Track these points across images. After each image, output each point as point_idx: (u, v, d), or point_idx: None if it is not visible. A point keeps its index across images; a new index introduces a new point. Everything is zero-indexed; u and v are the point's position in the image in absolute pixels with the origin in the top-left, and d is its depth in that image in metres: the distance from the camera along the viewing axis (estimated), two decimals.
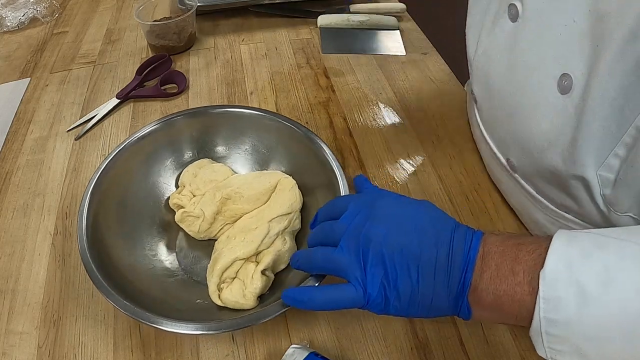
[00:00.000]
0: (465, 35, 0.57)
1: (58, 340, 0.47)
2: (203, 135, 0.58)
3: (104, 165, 0.51)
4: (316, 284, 0.42)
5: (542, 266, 0.31)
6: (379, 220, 0.38)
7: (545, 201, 0.50)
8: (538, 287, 0.31)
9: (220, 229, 0.53)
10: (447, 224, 0.38)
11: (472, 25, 0.54)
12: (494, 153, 0.55)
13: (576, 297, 0.29)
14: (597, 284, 0.29)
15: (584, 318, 0.29)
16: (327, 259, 0.39)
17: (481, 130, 0.57)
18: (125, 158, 0.53)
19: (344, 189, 0.49)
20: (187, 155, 0.58)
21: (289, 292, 0.40)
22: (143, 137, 0.55)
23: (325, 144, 0.54)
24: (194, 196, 0.53)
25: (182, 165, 0.57)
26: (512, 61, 0.46)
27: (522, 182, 0.52)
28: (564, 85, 0.40)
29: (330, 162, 0.52)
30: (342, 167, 0.51)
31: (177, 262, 0.52)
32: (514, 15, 0.45)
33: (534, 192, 0.51)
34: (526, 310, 0.32)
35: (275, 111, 0.70)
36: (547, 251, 0.32)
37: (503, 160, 0.53)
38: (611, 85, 0.35)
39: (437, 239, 0.36)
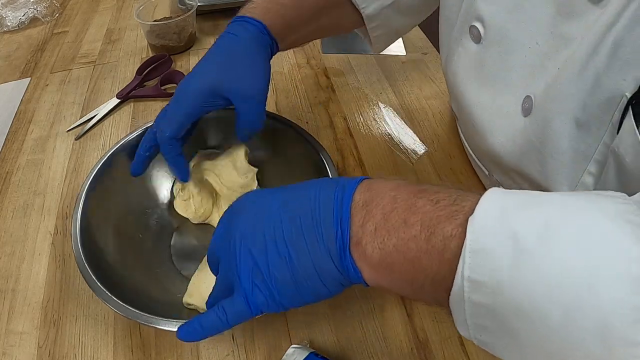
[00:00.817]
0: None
1: (58, 340, 0.47)
2: (197, 136, 0.57)
3: (97, 168, 0.51)
4: None
5: (447, 220, 0.26)
6: (238, 216, 0.35)
7: None
8: (445, 245, 0.26)
9: (215, 208, 0.54)
10: (314, 185, 0.33)
11: (442, 45, 0.53)
12: (479, 166, 0.55)
13: (512, 251, 0.24)
14: (535, 238, 0.24)
15: (518, 279, 0.24)
16: (218, 285, 0.36)
17: (464, 145, 0.57)
18: (119, 160, 0.53)
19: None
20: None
21: (181, 330, 0.35)
22: (136, 138, 0.54)
23: (323, 148, 0.53)
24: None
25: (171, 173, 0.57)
26: (479, 82, 0.45)
27: None
28: (526, 107, 0.39)
29: (327, 165, 0.51)
30: (337, 169, 0.51)
31: (173, 261, 0.52)
32: (476, 37, 0.44)
33: None
34: (427, 274, 0.28)
35: (275, 111, 0.70)
36: (459, 203, 0.27)
37: (487, 173, 0.53)
38: (572, 104, 0.34)
39: (299, 203, 0.32)
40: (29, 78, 0.78)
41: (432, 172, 0.62)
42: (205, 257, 0.47)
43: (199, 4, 0.81)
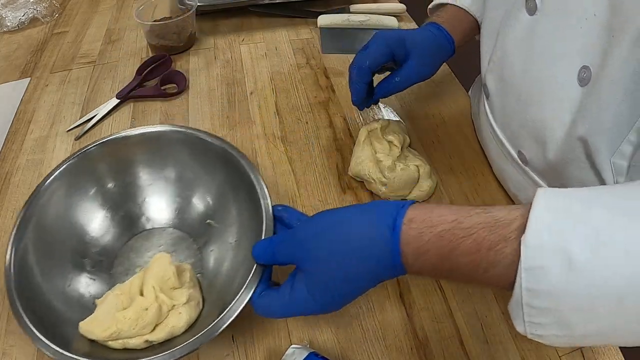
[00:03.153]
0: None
1: None
2: (122, 164, 0.55)
3: (29, 203, 0.47)
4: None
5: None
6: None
7: None
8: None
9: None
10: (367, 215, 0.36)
11: (488, 21, 0.55)
12: (505, 147, 0.55)
13: (562, 266, 0.27)
14: (585, 250, 0.27)
15: (570, 287, 0.27)
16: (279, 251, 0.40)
17: (491, 125, 0.57)
18: (49, 194, 0.49)
19: (265, 211, 0.46)
20: (110, 184, 0.54)
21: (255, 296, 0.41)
22: (62, 172, 0.50)
23: (251, 164, 0.50)
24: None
25: (105, 195, 0.54)
26: (529, 53, 0.47)
27: (533, 175, 0.52)
28: (583, 77, 0.41)
29: (254, 182, 0.49)
30: (266, 186, 0.48)
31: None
32: (531, 9, 0.46)
33: (544, 185, 0.51)
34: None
35: (275, 111, 0.70)
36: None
37: (514, 154, 0.54)
38: (624, 72, 0.37)
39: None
40: (29, 78, 0.78)
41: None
42: (113, 290, 0.46)
43: (198, 4, 0.81)
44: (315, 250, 0.36)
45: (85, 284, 0.49)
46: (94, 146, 0.53)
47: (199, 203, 0.55)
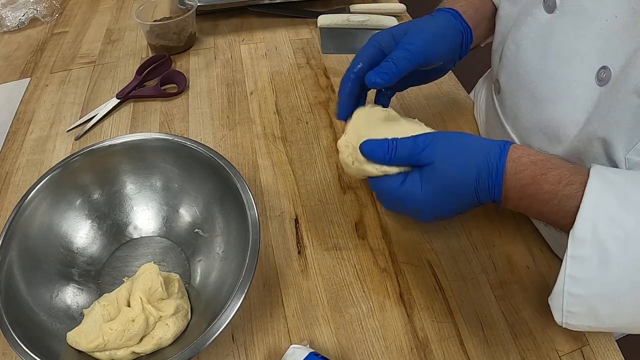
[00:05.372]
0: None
1: None
2: (107, 173, 0.54)
3: (13, 216, 0.47)
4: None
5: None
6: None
7: None
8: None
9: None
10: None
11: (502, 17, 0.55)
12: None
13: (599, 257, 0.33)
14: (617, 247, 0.33)
15: (603, 276, 0.33)
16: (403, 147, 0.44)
17: (501, 121, 0.57)
18: (33, 207, 0.48)
19: (251, 223, 0.46)
20: (96, 194, 0.54)
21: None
22: (46, 184, 0.50)
23: (238, 173, 0.50)
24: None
25: (91, 204, 0.53)
26: (545, 51, 0.47)
27: None
28: (602, 77, 0.41)
29: (240, 192, 0.48)
30: (252, 195, 0.48)
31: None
32: (550, 7, 0.46)
33: None
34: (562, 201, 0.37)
35: (275, 111, 0.70)
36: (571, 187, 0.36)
37: None
38: None
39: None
40: (29, 78, 0.78)
41: None
42: (101, 299, 0.46)
43: (199, 4, 0.81)
44: (439, 155, 0.42)
45: (72, 294, 0.48)
46: (78, 156, 0.52)
47: (186, 212, 0.55)
